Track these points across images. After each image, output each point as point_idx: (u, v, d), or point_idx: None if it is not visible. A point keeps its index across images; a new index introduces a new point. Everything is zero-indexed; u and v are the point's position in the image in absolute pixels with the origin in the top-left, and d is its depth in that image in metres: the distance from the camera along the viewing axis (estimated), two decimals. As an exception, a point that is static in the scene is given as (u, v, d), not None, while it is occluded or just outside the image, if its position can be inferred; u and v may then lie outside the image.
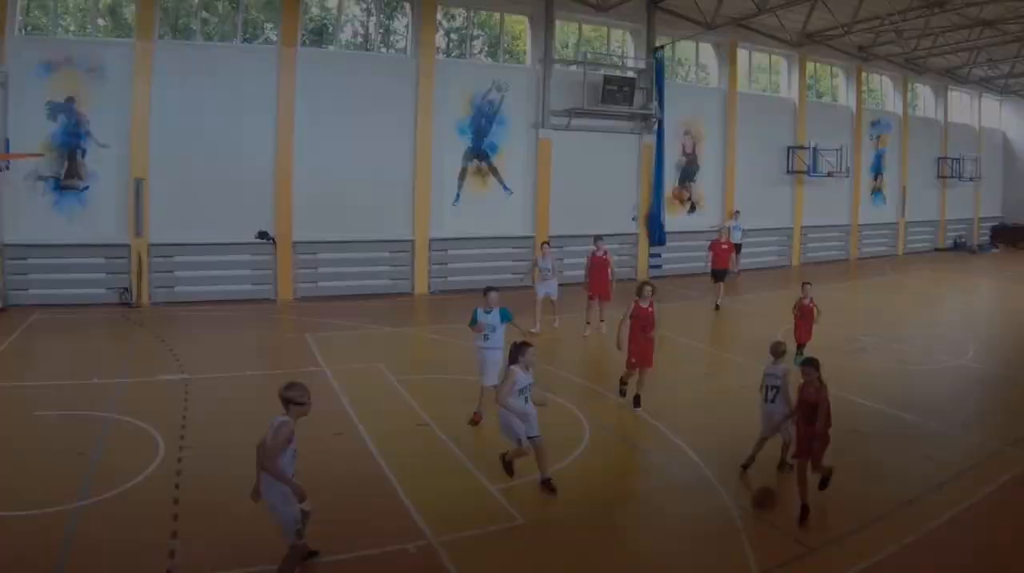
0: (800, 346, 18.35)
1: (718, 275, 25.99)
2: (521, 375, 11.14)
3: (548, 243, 23.93)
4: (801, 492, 10.41)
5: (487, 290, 14.79)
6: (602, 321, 21.73)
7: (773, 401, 11.84)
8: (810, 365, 10.88)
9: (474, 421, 14.05)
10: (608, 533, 10.14)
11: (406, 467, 11.65)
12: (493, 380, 13.62)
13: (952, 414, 15.37)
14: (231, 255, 25.82)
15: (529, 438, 11.09)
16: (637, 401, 15.17)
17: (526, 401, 11.15)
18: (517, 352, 11.28)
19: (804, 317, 18.91)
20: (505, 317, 14.63)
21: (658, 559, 9.58)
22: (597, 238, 22.76)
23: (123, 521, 9.77)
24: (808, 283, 19.56)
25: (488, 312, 14.55)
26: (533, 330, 19.70)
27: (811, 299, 19.01)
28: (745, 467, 11.93)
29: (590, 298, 22.13)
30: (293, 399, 8.34)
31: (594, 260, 22.30)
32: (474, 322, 14.62)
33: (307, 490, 8.31)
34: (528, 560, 9.35)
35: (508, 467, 11.45)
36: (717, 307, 25.86)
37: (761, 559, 9.23)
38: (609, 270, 22.40)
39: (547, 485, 11.11)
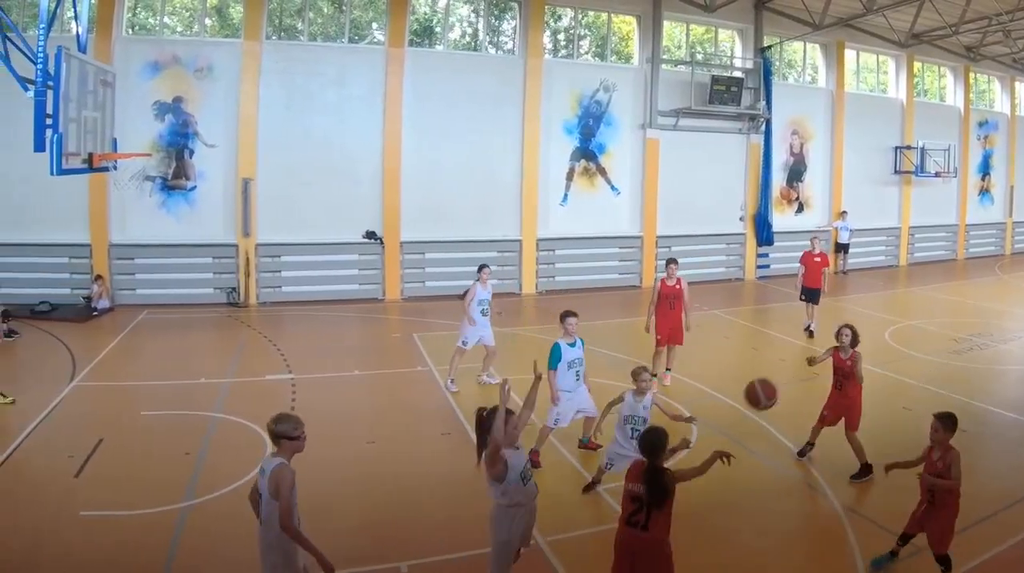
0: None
1: (810, 295, 20.13)
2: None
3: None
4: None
5: (565, 315, 11.62)
6: (668, 369, 15.62)
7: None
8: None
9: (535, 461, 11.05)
10: (711, 532, 9.37)
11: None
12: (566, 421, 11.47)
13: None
14: (338, 255, 24.08)
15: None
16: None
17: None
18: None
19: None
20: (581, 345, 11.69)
21: (762, 558, 8.84)
22: (671, 262, 15.65)
23: (229, 521, 9.01)
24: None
25: (572, 345, 11.47)
26: None
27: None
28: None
29: (658, 344, 15.43)
30: (286, 434, 6.78)
31: (664, 291, 15.26)
32: (558, 361, 11.23)
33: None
34: None
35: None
36: (811, 333, 19.74)
37: (869, 558, 8.57)
38: (683, 306, 15.29)
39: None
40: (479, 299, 15.04)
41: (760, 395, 10.18)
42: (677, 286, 14.87)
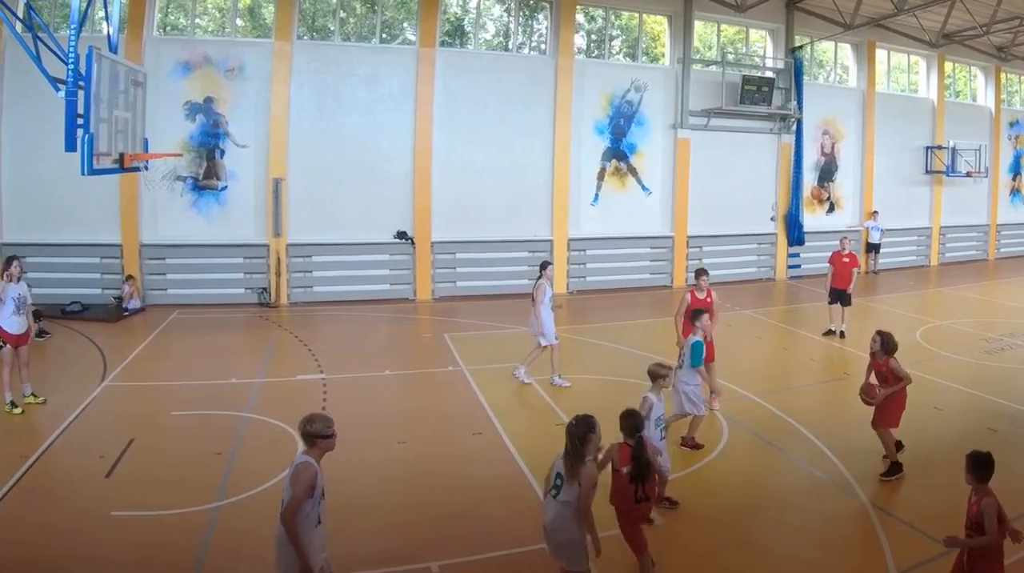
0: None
1: (839, 296, 19.16)
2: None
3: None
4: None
5: (697, 314, 11.99)
6: (713, 392, 13.82)
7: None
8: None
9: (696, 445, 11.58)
10: (744, 533, 9.14)
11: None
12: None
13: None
14: (369, 255, 23.56)
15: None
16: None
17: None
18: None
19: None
20: None
21: (794, 559, 8.58)
22: (701, 273, 14.32)
23: (260, 522, 8.53)
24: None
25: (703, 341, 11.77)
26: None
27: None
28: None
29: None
30: (320, 433, 6.54)
31: (694, 303, 13.67)
32: (700, 358, 11.56)
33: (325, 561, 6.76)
34: (665, 559, 8.27)
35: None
36: (842, 334, 18.96)
37: (900, 559, 8.37)
38: (713, 320, 13.25)
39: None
40: (549, 296, 14.88)
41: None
42: (708, 299, 13.79)
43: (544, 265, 15.34)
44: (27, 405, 13.01)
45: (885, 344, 10.76)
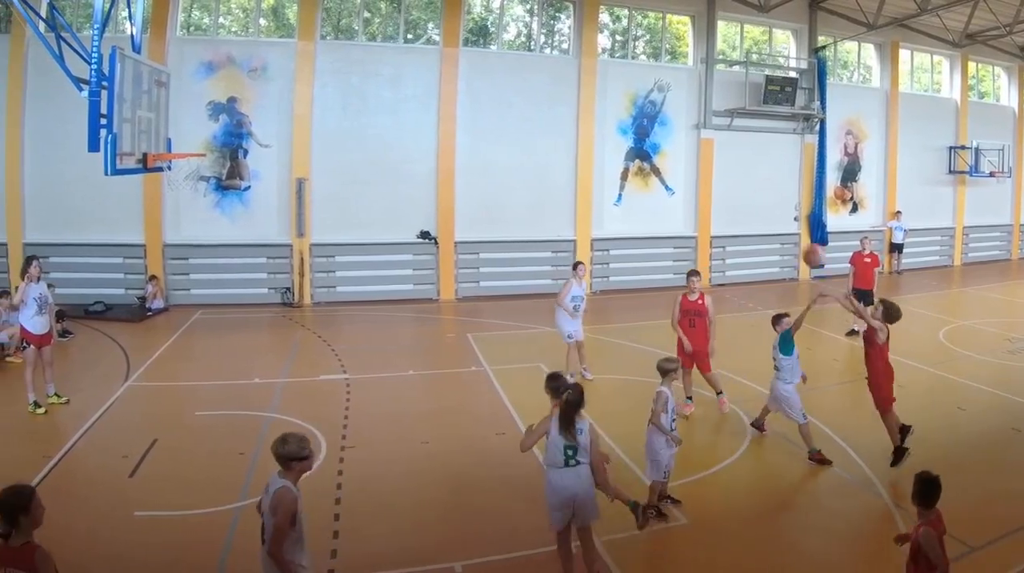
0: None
1: (862, 297, 17.23)
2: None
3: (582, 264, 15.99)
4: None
5: (778, 318, 11.56)
6: (720, 392, 13.41)
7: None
8: None
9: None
10: (767, 532, 9.05)
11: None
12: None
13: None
14: (393, 255, 23.23)
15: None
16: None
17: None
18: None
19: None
20: None
21: (818, 558, 8.46)
22: (691, 274, 13.61)
23: None
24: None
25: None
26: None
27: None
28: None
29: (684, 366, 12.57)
30: (294, 455, 6.14)
31: (685, 306, 13.14)
32: (790, 346, 11.36)
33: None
34: (689, 560, 8.43)
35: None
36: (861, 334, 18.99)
37: None
38: (707, 325, 13.07)
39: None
40: (572, 295, 14.68)
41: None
42: (700, 301, 12.94)
43: (576, 264, 15.32)
44: (50, 405, 12.85)
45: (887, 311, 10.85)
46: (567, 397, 7.49)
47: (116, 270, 21.45)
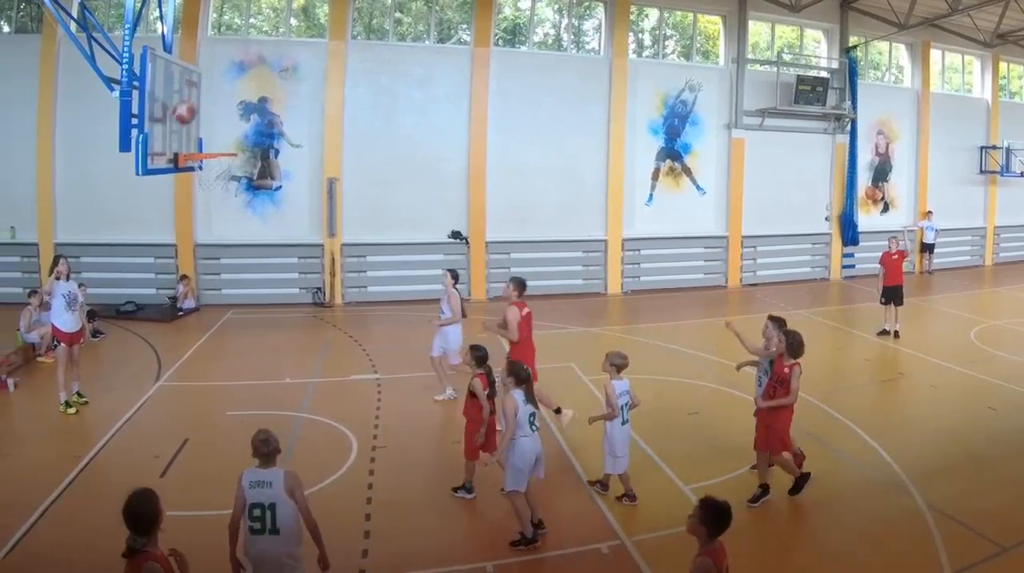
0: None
1: (892, 295, 18.36)
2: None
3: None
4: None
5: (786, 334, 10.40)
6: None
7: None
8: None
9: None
10: (799, 533, 9.12)
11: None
12: None
13: None
14: (424, 255, 22.58)
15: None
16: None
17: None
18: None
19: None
20: None
21: (849, 559, 8.30)
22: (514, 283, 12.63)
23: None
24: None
25: None
26: None
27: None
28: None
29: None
30: (280, 449, 6.74)
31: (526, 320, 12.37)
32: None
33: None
34: None
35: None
36: (896, 334, 18.15)
37: (955, 559, 8.05)
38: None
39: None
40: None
41: None
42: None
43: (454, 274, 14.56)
44: (74, 404, 12.71)
45: (791, 345, 9.40)
46: (526, 375, 8.44)
47: (147, 270, 21.15)
